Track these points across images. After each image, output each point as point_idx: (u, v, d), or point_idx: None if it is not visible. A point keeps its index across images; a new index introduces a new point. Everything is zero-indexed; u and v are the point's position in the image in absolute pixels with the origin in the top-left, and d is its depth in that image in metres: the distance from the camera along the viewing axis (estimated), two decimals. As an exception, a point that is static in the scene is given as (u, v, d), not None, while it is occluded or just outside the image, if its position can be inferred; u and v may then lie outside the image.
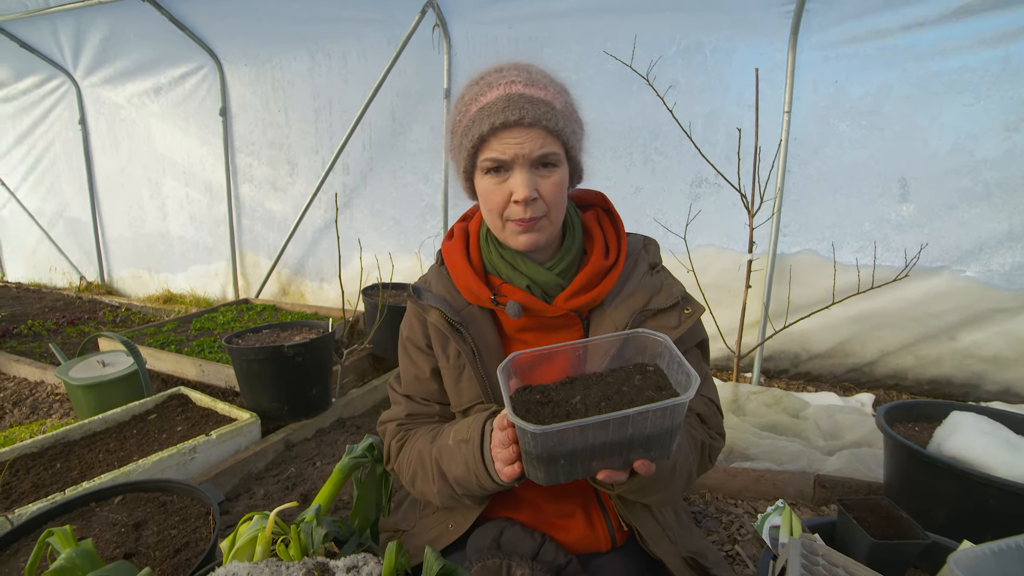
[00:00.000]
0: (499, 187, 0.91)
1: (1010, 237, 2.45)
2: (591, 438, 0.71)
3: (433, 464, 0.98)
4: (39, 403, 2.86)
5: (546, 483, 0.76)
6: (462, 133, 0.92)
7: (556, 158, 0.90)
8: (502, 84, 0.89)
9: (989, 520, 1.34)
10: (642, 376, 0.83)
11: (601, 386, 0.82)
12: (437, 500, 1.00)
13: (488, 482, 0.89)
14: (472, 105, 0.91)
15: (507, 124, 0.86)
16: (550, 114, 0.87)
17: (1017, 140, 2.37)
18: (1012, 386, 2.56)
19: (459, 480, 0.93)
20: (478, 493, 0.93)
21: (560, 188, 0.92)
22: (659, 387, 0.79)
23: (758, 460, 2.03)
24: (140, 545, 1.25)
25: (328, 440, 2.40)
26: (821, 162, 2.72)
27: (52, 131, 5.13)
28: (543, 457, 0.72)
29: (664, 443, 0.74)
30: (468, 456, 0.90)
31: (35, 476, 1.85)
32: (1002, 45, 2.32)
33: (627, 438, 0.72)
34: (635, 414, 0.68)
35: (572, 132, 0.92)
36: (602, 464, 0.75)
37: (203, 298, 4.80)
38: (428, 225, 3.76)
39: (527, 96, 0.87)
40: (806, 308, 2.70)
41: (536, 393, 0.83)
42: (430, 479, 0.99)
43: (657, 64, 2.68)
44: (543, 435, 0.69)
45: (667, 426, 0.72)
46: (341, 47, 3.67)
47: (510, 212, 0.92)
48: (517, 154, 0.88)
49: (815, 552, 0.89)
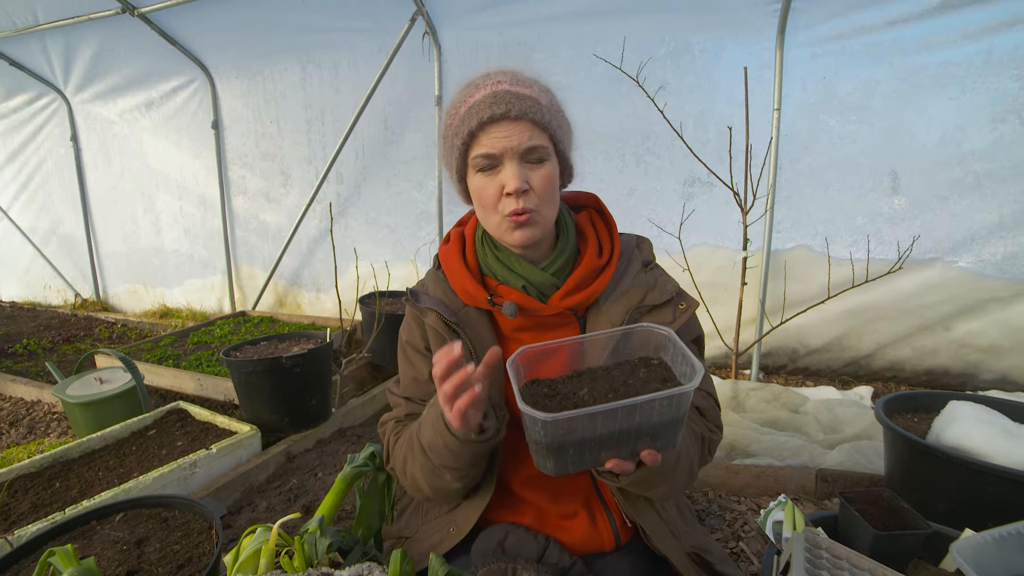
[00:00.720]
0: (491, 182, 0.93)
1: (1001, 227, 2.47)
2: (600, 427, 0.72)
3: (416, 439, 0.98)
4: (36, 422, 2.83)
5: (555, 473, 0.77)
6: (453, 134, 0.95)
7: (545, 151, 0.92)
8: (489, 85, 0.93)
9: (989, 508, 1.35)
10: (647, 369, 0.84)
11: (607, 379, 0.83)
12: (423, 482, 0.99)
13: (450, 438, 0.87)
14: (461, 107, 0.94)
15: (494, 118, 0.89)
16: (536, 108, 0.90)
17: (1004, 131, 2.40)
18: (1008, 374, 2.58)
19: (430, 446, 0.92)
20: (449, 461, 0.91)
21: (550, 181, 0.93)
22: (664, 379, 0.80)
23: (759, 456, 2.04)
24: (143, 562, 1.24)
25: (329, 450, 2.39)
26: (812, 158, 2.74)
27: (43, 148, 5.11)
28: (552, 446, 0.73)
29: (670, 433, 0.75)
30: (433, 416, 0.91)
31: (34, 496, 1.83)
32: (985, 38, 2.35)
33: (635, 427, 0.73)
34: (643, 402, 0.70)
35: (559, 126, 0.94)
36: (610, 454, 0.76)
37: (199, 312, 4.78)
38: (423, 232, 3.76)
39: (513, 92, 0.90)
40: (802, 303, 2.72)
41: (543, 386, 0.84)
42: (415, 458, 0.98)
43: (647, 66, 2.70)
44: (553, 423, 0.70)
45: (673, 415, 0.73)
46: (332, 57, 3.69)
47: (503, 205, 0.93)
48: (506, 147, 0.90)
49: (818, 545, 0.89)
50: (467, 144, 0.93)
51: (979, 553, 0.88)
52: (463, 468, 0.93)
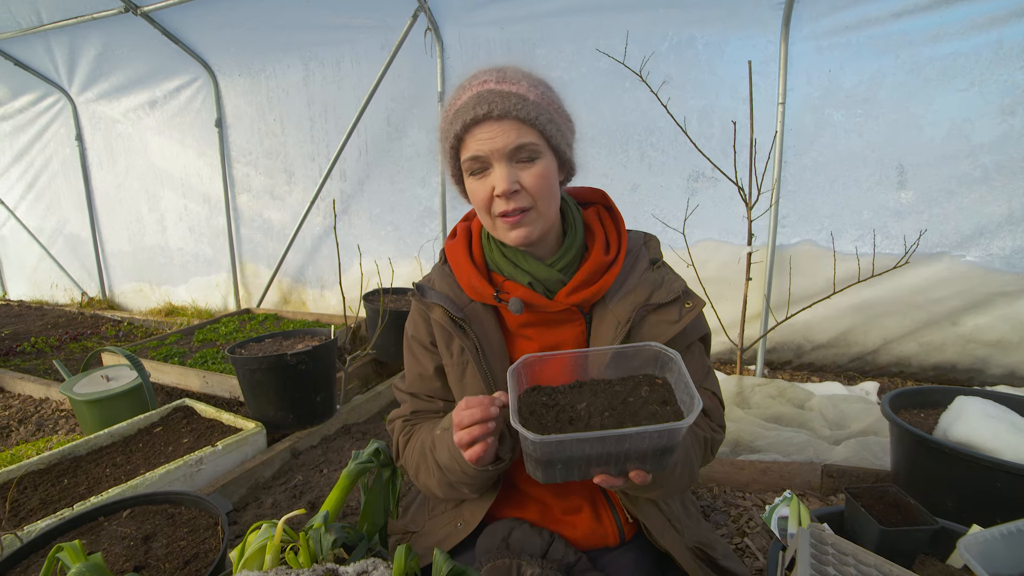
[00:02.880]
0: (482, 184, 0.92)
1: (1010, 220, 2.45)
2: (588, 450, 0.73)
3: (429, 455, 1.00)
4: (45, 420, 2.86)
5: (544, 481, 0.78)
6: (443, 138, 0.95)
7: (535, 148, 0.90)
8: (475, 85, 0.91)
9: (997, 504, 1.34)
10: (650, 388, 0.83)
11: (608, 394, 0.83)
12: (439, 491, 1.01)
13: (468, 467, 0.90)
14: (449, 110, 0.94)
15: (477, 119, 0.88)
16: (520, 104, 0.87)
17: (1014, 123, 2.36)
18: (1017, 369, 2.55)
19: (447, 466, 0.94)
20: (466, 481, 0.94)
21: (544, 179, 0.91)
22: (664, 402, 0.80)
23: (765, 452, 2.03)
24: (150, 558, 1.25)
25: (334, 447, 2.40)
26: (817, 152, 2.72)
27: (49, 148, 5.14)
28: (541, 460, 0.75)
29: (661, 459, 0.75)
30: (449, 443, 0.92)
31: (43, 492, 1.85)
32: (994, 29, 2.31)
33: (623, 452, 0.73)
34: (634, 434, 0.70)
35: (549, 120, 0.91)
36: (600, 470, 0.77)
37: (205, 310, 4.81)
38: (427, 229, 3.76)
39: (496, 91, 0.88)
40: (807, 299, 2.70)
41: (544, 395, 0.84)
42: (430, 471, 1.00)
43: (650, 60, 2.68)
44: (542, 444, 0.71)
45: (664, 445, 0.73)
46: (334, 54, 3.68)
47: (495, 207, 0.93)
48: (492, 149, 0.89)
49: (824, 541, 0.89)
50: (456, 148, 0.93)
51: (987, 549, 0.87)
52: (481, 487, 0.96)
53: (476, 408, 0.83)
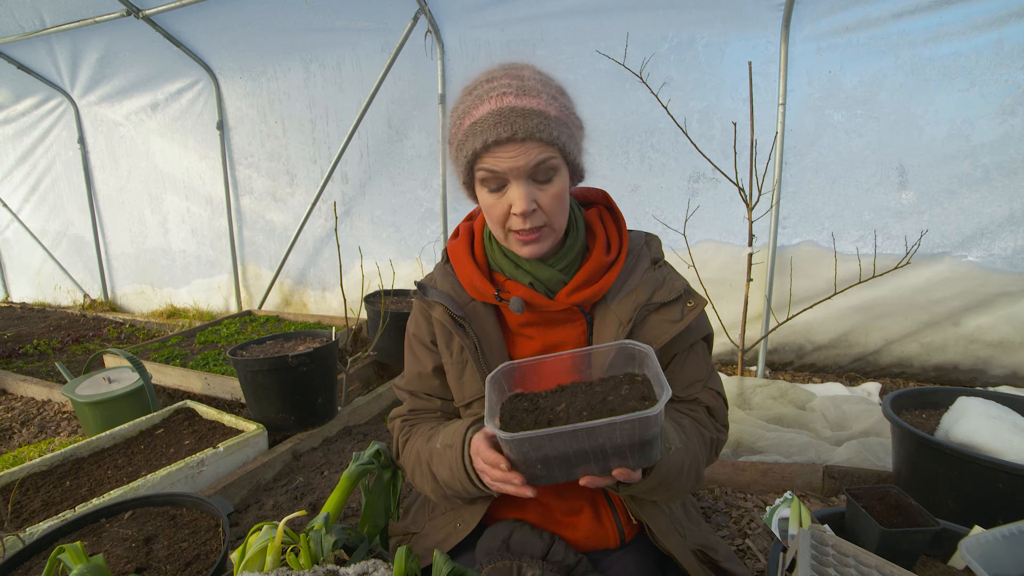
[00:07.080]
0: (499, 200, 0.91)
1: (1011, 221, 2.44)
2: (562, 447, 0.74)
3: (426, 465, 1.01)
4: (47, 422, 2.87)
5: (530, 484, 0.79)
6: (457, 147, 0.92)
7: (553, 164, 0.89)
8: (493, 97, 0.87)
9: (999, 505, 1.34)
10: (630, 386, 0.84)
11: (588, 395, 0.84)
12: (432, 497, 1.04)
13: (471, 487, 0.91)
14: (465, 119, 0.90)
15: (499, 141, 0.85)
16: (543, 125, 0.85)
17: (1014, 123, 2.36)
18: (1018, 370, 2.55)
19: (446, 482, 0.96)
20: (464, 496, 0.96)
21: (559, 199, 0.92)
22: (644, 397, 0.81)
23: (766, 453, 2.03)
24: (151, 559, 1.26)
25: (335, 449, 2.40)
26: (818, 153, 2.72)
27: (52, 151, 5.16)
28: (519, 461, 0.77)
29: (642, 452, 0.75)
30: (452, 461, 0.93)
31: (45, 494, 1.86)
32: (995, 29, 2.31)
33: (599, 447, 0.74)
34: (603, 425, 0.71)
35: (569, 137, 0.90)
36: (584, 470, 0.77)
37: (206, 312, 4.82)
38: (428, 231, 3.77)
39: (518, 109, 0.85)
40: (808, 299, 2.69)
41: (525, 400, 0.86)
42: (426, 479, 1.02)
43: (650, 61, 2.69)
44: (515, 442, 0.73)
45: (640, 437, 0.73)
46: (335, 56, 3.69)
47: (511, 223, 0.93)
48: (512, 167, 0.87)
49: (825, 543, 0.88)
50: (472, 162, 0.91)
51: (988, 550, 0.87)
52: (479, 501, 0.99)
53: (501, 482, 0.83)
